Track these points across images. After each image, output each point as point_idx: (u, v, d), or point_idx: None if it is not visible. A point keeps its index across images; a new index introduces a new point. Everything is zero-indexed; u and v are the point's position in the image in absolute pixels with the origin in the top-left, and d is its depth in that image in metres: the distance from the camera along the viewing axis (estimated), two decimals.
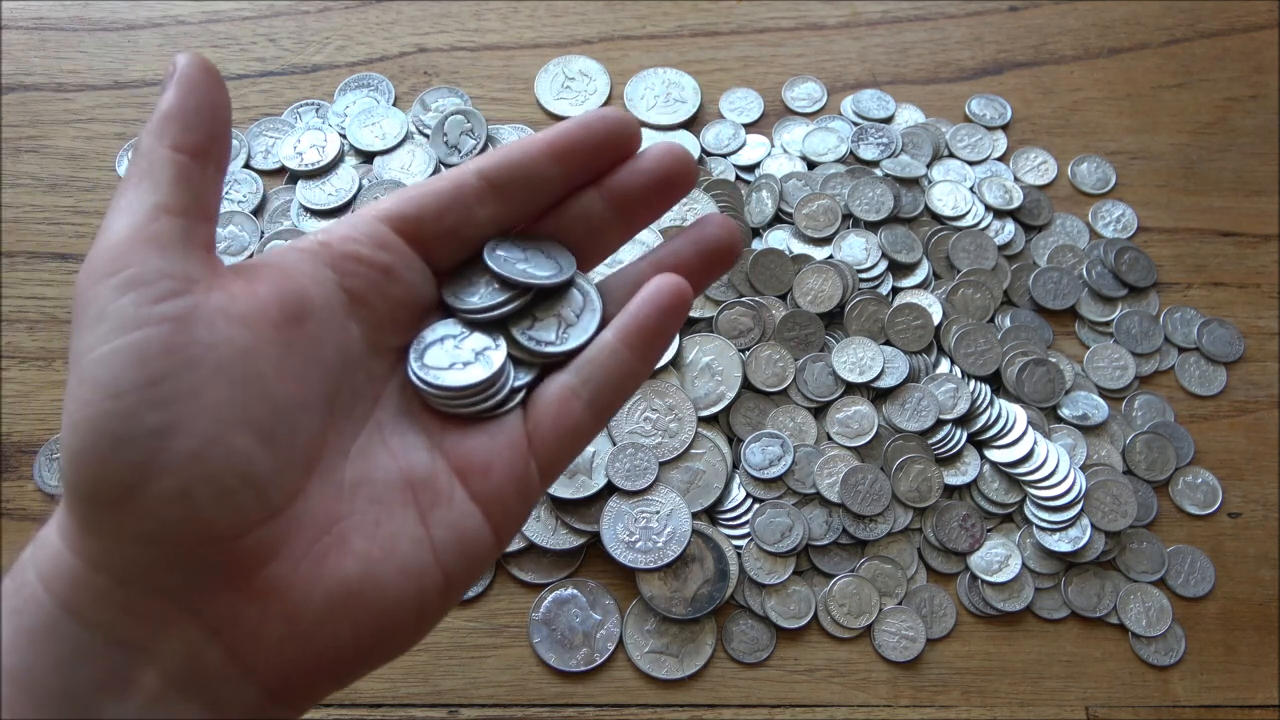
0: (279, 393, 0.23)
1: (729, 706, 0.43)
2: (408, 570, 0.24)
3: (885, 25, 0.62)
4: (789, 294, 0.51)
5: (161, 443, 0.21)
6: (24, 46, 0.58)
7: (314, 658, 0.23)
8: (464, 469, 0.26)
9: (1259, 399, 0.52)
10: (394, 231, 0.27)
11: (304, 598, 0.23)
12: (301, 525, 0.23)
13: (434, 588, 0.25)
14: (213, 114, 0.25)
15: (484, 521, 0.26)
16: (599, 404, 0.27)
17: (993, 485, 0.47)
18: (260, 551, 0.23)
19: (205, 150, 0.25)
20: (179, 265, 0.23)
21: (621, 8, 0.61)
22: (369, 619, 0.24)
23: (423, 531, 0.25)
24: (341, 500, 0.24)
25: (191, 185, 0.24)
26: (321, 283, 0.25)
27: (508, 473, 0.26)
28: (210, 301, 0.23)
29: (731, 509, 0.46)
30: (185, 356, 0.22)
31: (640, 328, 0.27)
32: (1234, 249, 0.56)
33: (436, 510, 0.25)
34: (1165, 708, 0.44)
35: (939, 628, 0.45)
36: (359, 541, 0.24)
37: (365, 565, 0.24)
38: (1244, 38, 0.63)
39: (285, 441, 0.23)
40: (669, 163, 0.28)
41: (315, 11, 0.60)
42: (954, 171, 0.56)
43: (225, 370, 0.22)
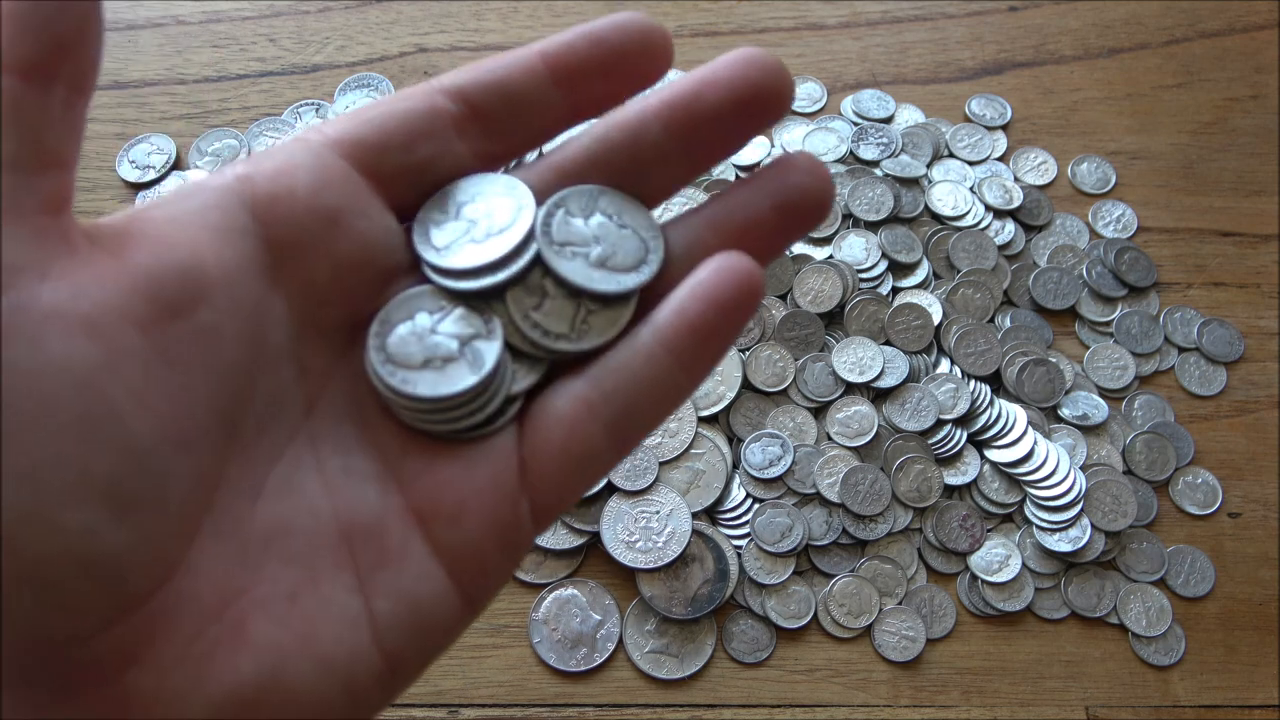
0: (143, 433, 0.16)
1: (729, 706, 0.43)
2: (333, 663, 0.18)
3: (885, 25, 0.62)
4: (789, 294, 0.51)
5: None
6: None
7: None
8: (427, 511, 0.19)
9: (1259, 399, 0.52)
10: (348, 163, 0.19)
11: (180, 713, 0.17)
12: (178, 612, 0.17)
13: (369, 679, 0.18)
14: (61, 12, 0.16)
15: (449, 584, 0.19)
16: (623, 428, 0.20)
17: (993, 485, 0.47)
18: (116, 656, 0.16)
19: (47, 67, 0.16)
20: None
21: (621, 8, 0.61)
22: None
23: (359, 603, 0.18)
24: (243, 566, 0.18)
25: (26, 121, 0.16)
26: (231, 237, 0.18)
27: (488, 518, 0.19)
28: (41, 301, 0.15)
29: (731, 509, 0.46)
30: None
31: (692, 329, 0.19)
32: (1234, 249, 0.56)
33: (382, 572, 0.18)
34: (1165, 708, 0.44)
35: (939, 628, 0.45)
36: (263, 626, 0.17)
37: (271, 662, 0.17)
38: (1244, 38, 0.63)
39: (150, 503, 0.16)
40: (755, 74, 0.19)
41: (315, 11, 0.60)
42: (954, 171, 0.56)
43: (55, 412, 0.15)
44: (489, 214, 0.20)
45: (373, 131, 0.19)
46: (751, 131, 0.20)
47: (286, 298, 0.19)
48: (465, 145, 0.20)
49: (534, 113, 0.20)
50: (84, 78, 0.17)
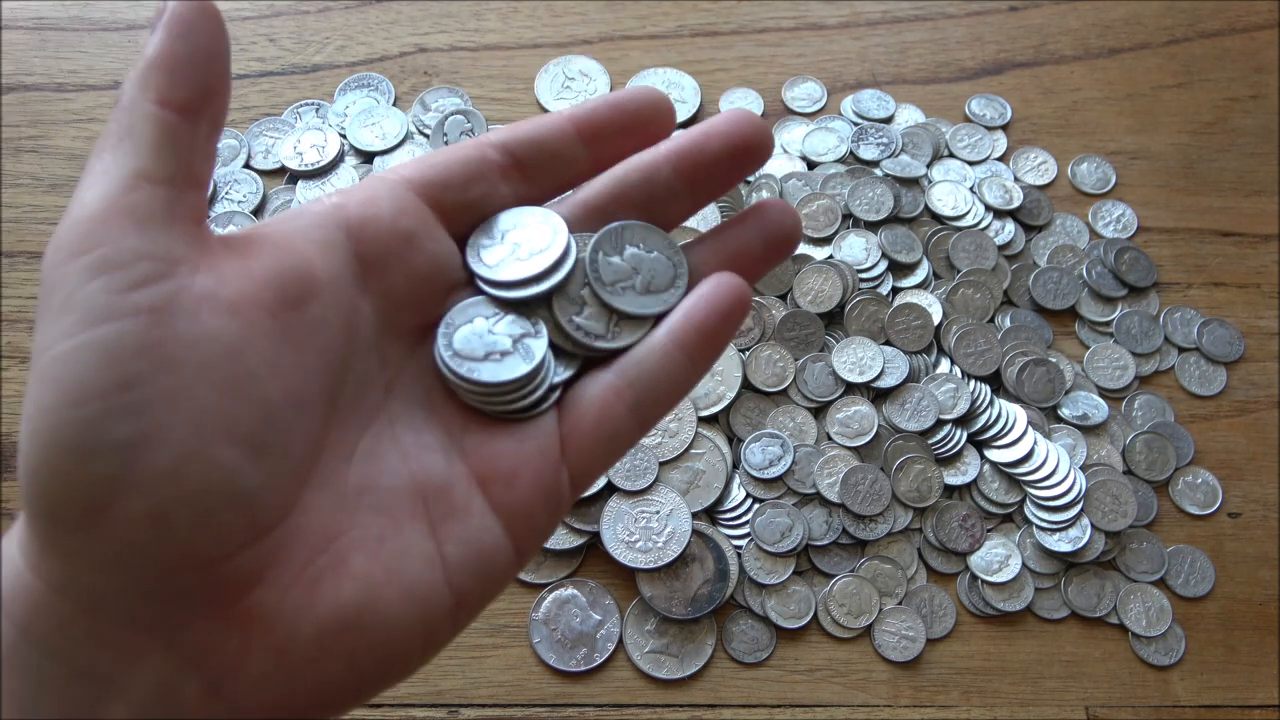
0: (273, 394, 0.20)
1: (729, 706, 0.43)
2: (414, 593, 0.21)
3: (885, 25, 0.62)
4: (789, 294, 0.51)
5: (133, 457, 0.18)
6: (24, 46, 0.58)
7: (305, 693, 0.21)
8: (486, 476, 0.23)
9: (1259, 399, 0.52)
10: (418, 196, 0.24)
11: (294, 628, 0.20)
12: (294, 543, 0.21)
13: (443, 611, 0.22)
14: (208, 63, 0.21)
15: (505, 536, 0.23)
16: (645, 410, 0.24)
17: (993, 485, 0.47)
18: (246, 576, 0.20)
19: (197, 106, 0.21)
20: (160, 243, 0.20)
21: (621, 8, 0.61)
22: (367, 650, 0.21)
23: (433, 548, 0.22)
24: (342, 512, 0.22)
25: (179, 147, 0.21)
26: (331, 250, 0.22)
27: (536, 482, 0.23)
28: (195, 286, 0.20)
29: (731, 509, 0.46)
30: (163, 355, 0.19)
31: (698, 330, 0.24)
32: (1234, 249, 0.56)
33: (451, 523, 0.22)
34: (1165, 708, 0.44)
35: (939, 628, 0.45)
36: (359, 560, 0.21)
37: (365, 589, 0.21)
38: (1244, 38, 0.63)
39: (278, 450, 0.20)
40: (745, 130, 0.25)
41: (315, 11, 0.60)
42: (954, 171, 0.56)
43: (210, 371, 0.19)
44: (529, 238, 0.25)
45: (437, 173, 0.24)
46: (741, 174, 0.26)
47: (372, 301, 0.23)
48: (508, 188, 0.25)
49: (564, 164, 0.25)
50: (220, 116, 0.22)
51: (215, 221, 0.52)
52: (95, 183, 0.20)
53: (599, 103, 0.25)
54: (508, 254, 0.25)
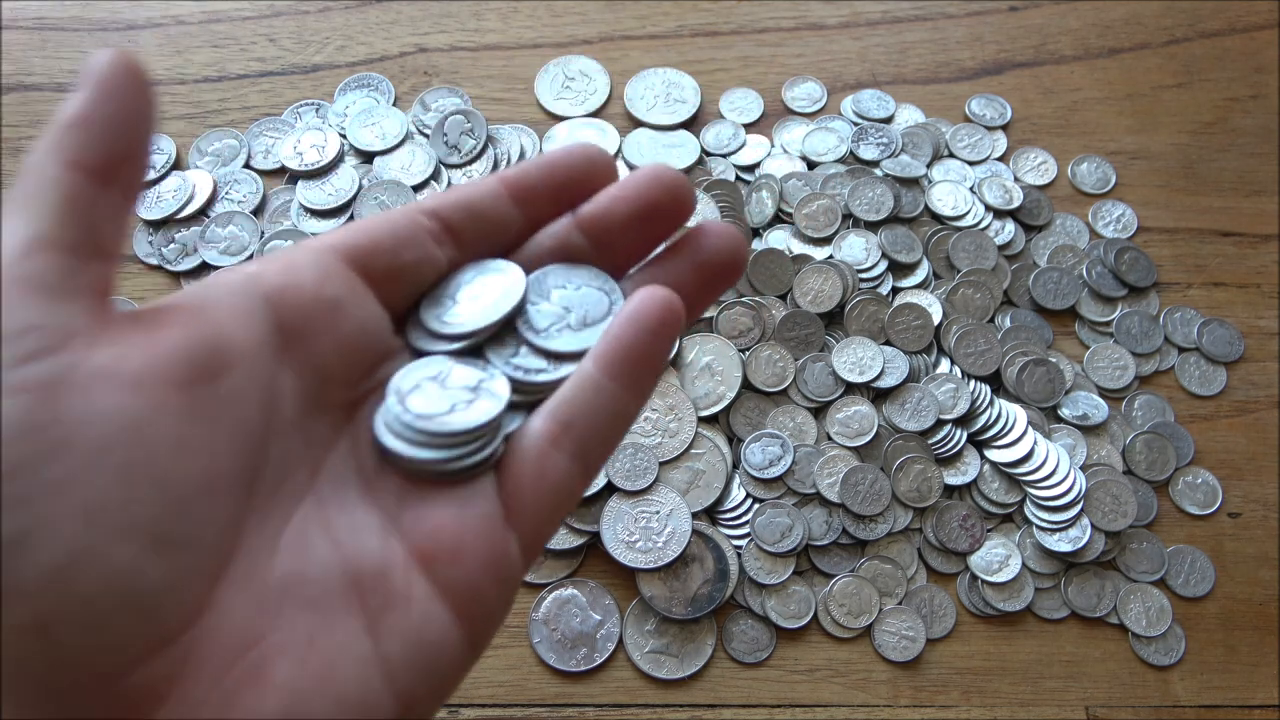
0: (179, 479, 0.18)
1: (729, 706, 0.43)
2: (349, 702, 0.19)
3: (885, 25, 0.62)
4: (789, 294, 0.51)
5: (15, 558, 0.16)
6: (24, 46, 0.58)
7: None
8: (428, 554, 0.21)
9: (1259, 399, 0.52)
10: (344, 264, 0.22)
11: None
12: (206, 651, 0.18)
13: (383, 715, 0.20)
14: (128, 127, 0.20)
15: (453, 623, 0.21)
16: (587, 454, 0.22)
17: (993, 485, 0.47)
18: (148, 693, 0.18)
19: (111, 170, 0.19)
20: (54, 315, 0.18)
21: (621, 8, 0.61)
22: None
23: (370, 646, 0.20)
24: (263, 612, 0.19)
25: (85, 214, 0.19)
26: (249, 319, 0.20)
27: (484, 555, 0.21)
28: (91, 362, 0.18)
29: (731, 509, 0.46)
30: (50, 438, 0.17)
31: (625, 353, 0.22)
32: (1234, 249, 0.56)
33: (390, 615, 0.20)
34: (1165, 708, 0.44)
35: (939, 628, 0.45)
36: (284, 667, 0.19)
37: (291, 701, 0.18)
38: (1244, 38, 0.63)
39: (185, 543, 0.18)
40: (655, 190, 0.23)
41: (315, 11, 0.60)
42: (954, 171, 0.56)
43: (106, 455, 0.17)
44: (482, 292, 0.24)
45: (365, 239, 0.23)
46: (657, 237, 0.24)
47: (295, 374, 0.21)
48: (442, 253, 0.24)
49: (496, 227, 0.24)
50: (135, 183, 0.20)
51: (215, 222, 0.52)
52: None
53: (530, 164, 0.24)
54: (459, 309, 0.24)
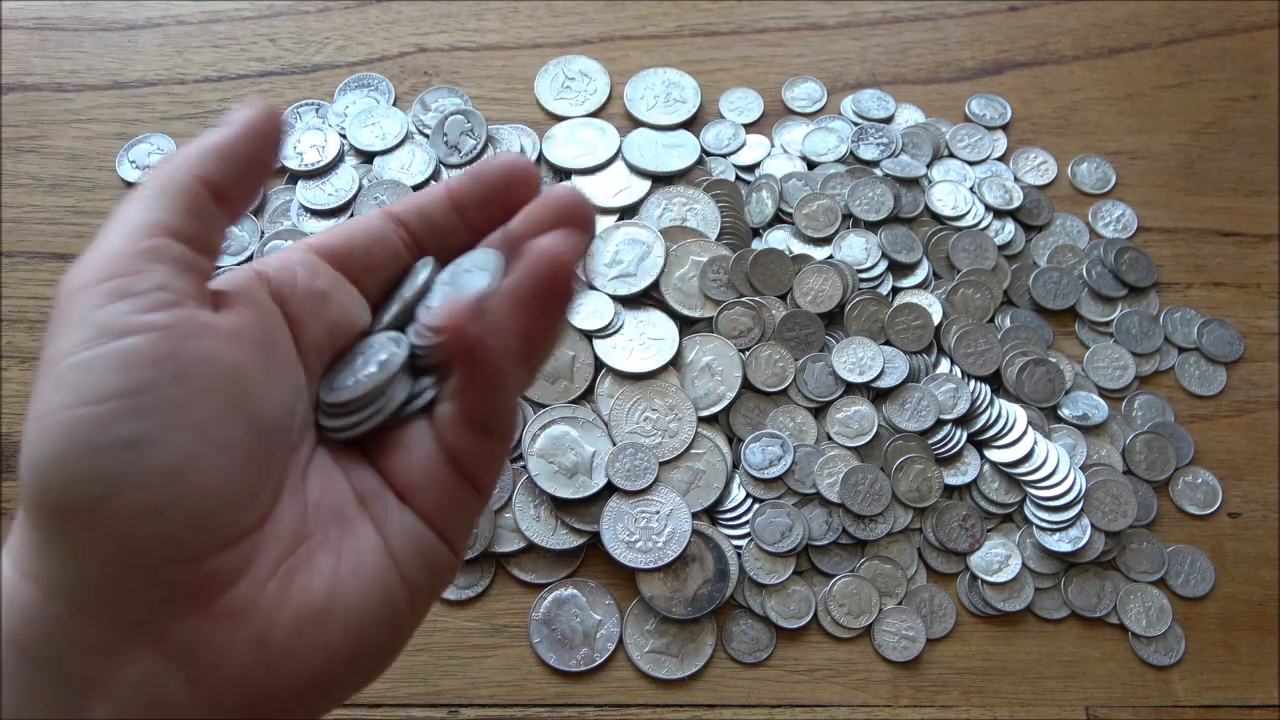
0: (261, 413, 0.23)
1: (729, 706, 0.43)
2: (375, 584, 0.24)
3: (885, 25, 0.62)
4: (789, 294, 0.51)
5: (138, 454, 0.20)
6: (24, 46, 0.58)
7: (284, 684, 0.22)
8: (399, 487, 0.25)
9: (1259, 399, 0.52)
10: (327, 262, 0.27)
11: (271, 621, 0.22)
12: (270, 545, 0.23)
13: (401, 599, 0.24)
14: (254, 164, 0.24)
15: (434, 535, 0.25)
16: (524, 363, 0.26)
17: (993, 485, 0.47)
18: (228, 573, 0.22)
19: (230, 194, 0.24)
20: (177, 280, 0.22)
21: (621, 8, 0.61)
22: (341, 639, 0.23)
23: (381, 543, 0.24)
24: (307, 518, 0.24)
25: (203, 219, 0.23)
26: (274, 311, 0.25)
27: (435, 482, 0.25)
28: (203, 316, 0.22)
29: (731, 509, 0.46)
30: (173, 368, 0.21)
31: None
32: (1234, 249, 0.56)
33: (389, 520, 0.25)
34: (1165, 708, 0.44)
35: (939, 628, 0.45)
36: (325, 559, 0.23)
37: (332, 583, 0.23)
38: (1244, 38, 0.63)
39: (263, 464, 0.23)
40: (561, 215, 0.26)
41: (315, 11, 0.60)
42: (954, 171, 0.56)
43: (213, 387, 0.21)
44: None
45: (341, 240, 0.27)
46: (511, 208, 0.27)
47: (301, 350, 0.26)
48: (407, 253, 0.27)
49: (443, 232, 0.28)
50: (244, 207, 0.25)
51: None
52: (122, 224, 0.23)
53: (465, 174, 0.27)
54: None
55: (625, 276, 0.50)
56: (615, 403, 0.47)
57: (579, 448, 0.46)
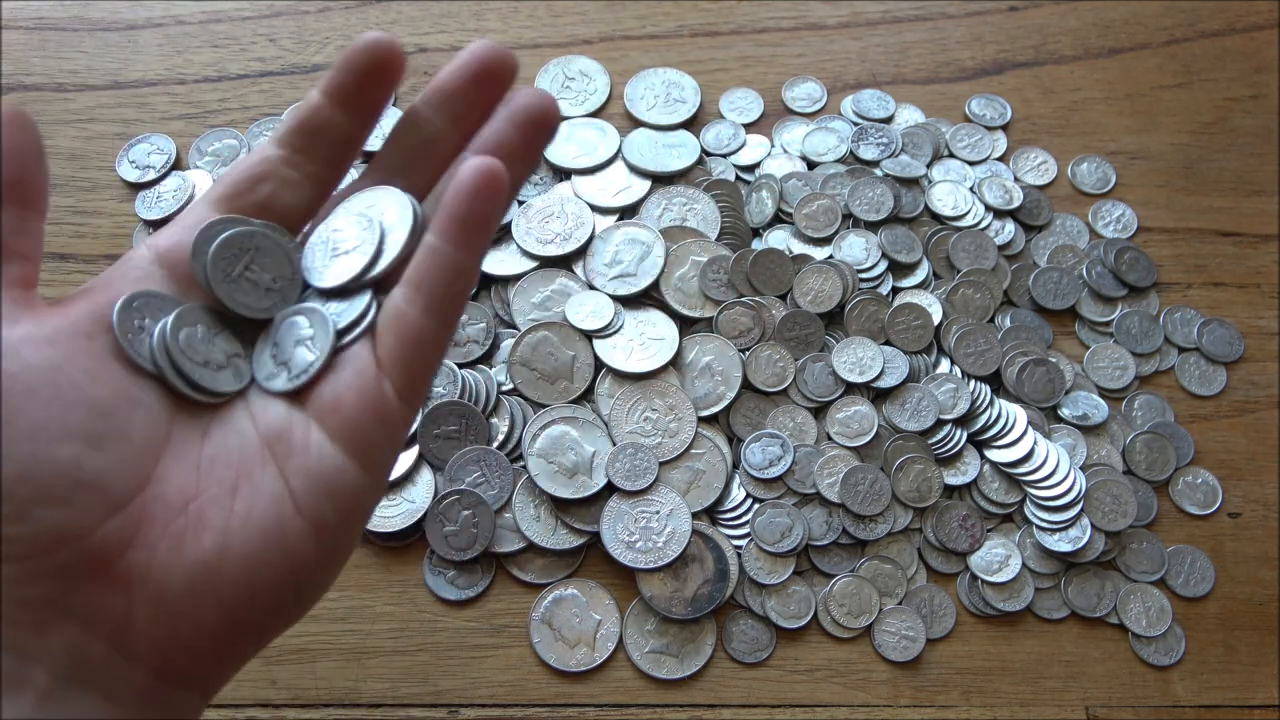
0: (99, 396, 0.24)
1: (729, 706, 0.43)
2: (267, 529, 0.25)
3: (885, 25, 0.62)
4: (789, 294, 0.51)
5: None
6: (24, 46, 0.58)
7: (188, 636, 0.24)
8: (317, 409, 0.26)
9: (1259, 399, 0.52)
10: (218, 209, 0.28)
11: (165, 580, 0.24)
12: (154, 510, 0.24)
13: (300, 540, 0.25)
14: (12, 157, 0.25)
15: (345, 458, 0.26)
16: (436, 307, 0.27)
17: (993, 485, 0.47)
18: (115, 543, 0.24)
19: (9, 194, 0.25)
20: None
21: (621, 8, 0.61)
22: (233, 590, 0.24)
23: (281, 485, 0.25)
24: (197, 477, 0.25)
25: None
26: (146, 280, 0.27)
27: (358, 402, 0.26)
28: (15, 333, 0.24)
29: (731, 509, 0.46)
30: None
31: (455, 218, 0.26)
32: (1234, 249, 0.56)
33: (292, 460, 0.26)
34: (1165, 708, 0.44)
35: (939, 628, 0.45)
36: (214, 514, 0.25)
37: (222, 535, 0.24)
38: (1244, 38, 0.63)
39: (116, 437, 0.24)
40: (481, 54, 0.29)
41: (315, 11, 0.60)
42: (954, 171, 0.56)
43: (34, 391, 0.23)
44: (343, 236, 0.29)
45: (228, 187, 0.28)
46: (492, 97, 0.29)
47: None
48: (297, 174, 0.28)
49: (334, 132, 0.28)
50: (34, 199, 0.26)
51: None
52: None
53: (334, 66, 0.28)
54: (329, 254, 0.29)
55: (625, 276, 0.50)
56: (615, 403, 0.47)
57: (579, 448, 0.46)
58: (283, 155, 0.28)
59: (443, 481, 0.46)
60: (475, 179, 0.26)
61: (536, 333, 0.48)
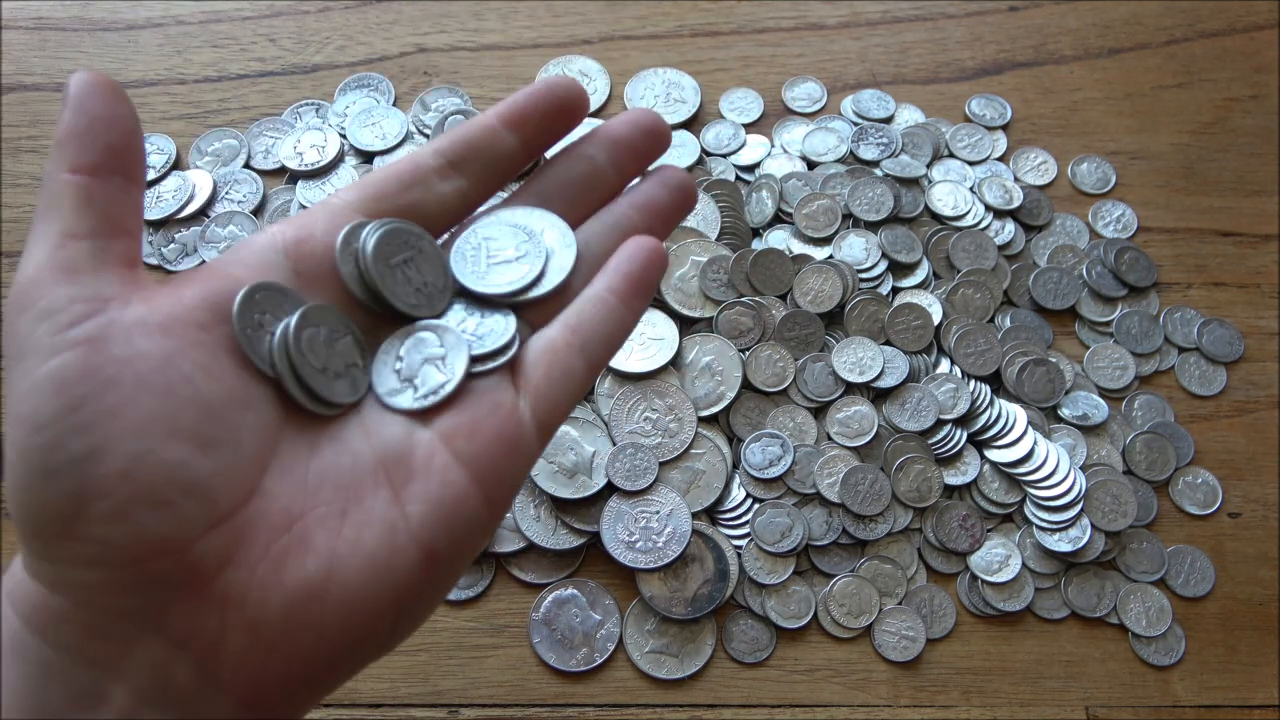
0: (212, 394, 0.23)
1: (729, 706, 0.43)
2: (376, 558, 0.23)
3: (885, 25, 0.62)
4: (789, 294, 0.51)
5: (90, 468, 0.21)
6: (24, 46, 0.58)
7: (281, 664, 0.23)
8: (449, 432, 0.25)
9: (1259, 399, 0.52)
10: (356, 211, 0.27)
11: (263, 604, 0.22)
12: (258, 526, 0.23)
13: (410, 569, 0.24)
14: (108, 128, 0.24)
15: (470, 484, 0.25)
16: (591, 350, 0.27)
17: (993, 485, 0.47)
18: (214, 559, 0.22)
19: (106, 166, 0.24)
20: (89, 288, 0.23)
21: (621, 8, 0.61)
22: (333, 618, 0.23)
23: (396, 511, 0.24)
24: (304, 495, 0.24)
25: (96, 205, 0.24)
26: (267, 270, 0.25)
27: (497, 430, 0.25)
28: (126, 316, 0.23)
29: (731, 509, 0.46)
30: (102, 378, 0.21)
31: (630, 277, 0.27)
32: (1234, 249, 0.56)
33: (412, 485, 0.24)
34: (1165, 708, 0.44)
35: (939, 628, 0.45)
36: (321, 536, 0.23)
37: (328, 561, 0.23)
38: (1244, 38, 0.63)
39: (228, 443, 0.23)
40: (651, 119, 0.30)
41: (315, 11, 0.60)
42: (954, 171, 0.56)
43: (146, 383, 0.22)
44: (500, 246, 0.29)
45: (373, 189, 0.27)
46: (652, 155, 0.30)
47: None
48: (448, 185, 0.28)
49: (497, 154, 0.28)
50: (134, 170, 0.24)
51: (215, 222, 0.52)
52: (32, 249, 0.23)
53: (521, 95, 0.29)
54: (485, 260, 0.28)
55: None
56: (615, 403, 0.47)
57: (579, 448, 0.46)
58: (438, 166, 0.28)
59: None
60: (652, 247, 0.28)
61: None
